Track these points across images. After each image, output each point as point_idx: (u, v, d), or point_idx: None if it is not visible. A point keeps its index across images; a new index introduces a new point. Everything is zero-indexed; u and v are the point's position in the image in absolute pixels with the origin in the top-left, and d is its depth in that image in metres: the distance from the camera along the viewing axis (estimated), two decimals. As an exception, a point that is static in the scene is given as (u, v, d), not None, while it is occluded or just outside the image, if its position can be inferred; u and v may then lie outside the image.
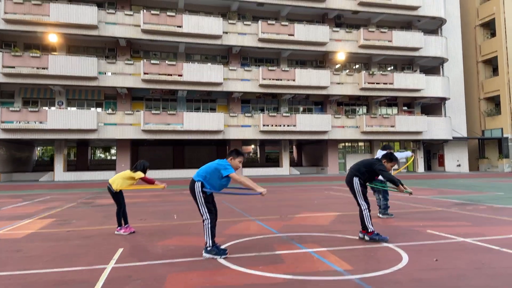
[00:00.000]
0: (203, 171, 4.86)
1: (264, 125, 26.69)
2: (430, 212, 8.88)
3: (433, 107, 33.09)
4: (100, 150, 38.26)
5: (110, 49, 26.82)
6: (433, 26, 32.37)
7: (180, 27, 25.34)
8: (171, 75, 25.16)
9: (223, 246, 5.18)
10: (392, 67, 32.35)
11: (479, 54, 35.57)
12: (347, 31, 29.07)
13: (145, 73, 24.73)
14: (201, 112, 26.86)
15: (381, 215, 8.06)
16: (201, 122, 25.57)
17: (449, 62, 32.57)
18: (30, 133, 23.46)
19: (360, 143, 32.62)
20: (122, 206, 6.54)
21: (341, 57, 29.07)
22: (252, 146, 37.22)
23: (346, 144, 32.47)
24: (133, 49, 27.16)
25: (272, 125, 26.85)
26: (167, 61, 25.30)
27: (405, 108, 32.81)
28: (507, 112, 32.83)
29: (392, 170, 8.12)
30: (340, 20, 30.66)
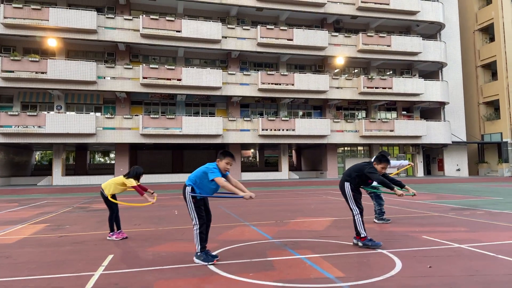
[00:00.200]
0: (194, 176, 4.82)
1: (263, 129, 26.67)
2: (427, 217, 8.82)
3: (432, 111, 33.07)
4: (99, 155, 38.20)
5: (109, 53, 26.84)
6: (432, 31, 32.43)
7: (179, 31, 25.38)
8: (170, 79, 25.17)
9: (215, 252, 5.12)
10: (391, 72, 32.36)
11: (478, 59, 35.60)
12: (346, 36, 29.11)
13: (144, 78, 24.74)
14: (200, 116, 26.85)
15: (377, 220, 8.00)
16: (200, 126, 25.55)
17: (448, 66, 32.58)
18: (28, 137, 23.43)
19: (359, 148, 32.57)
20: (114, 211, 6.49)
21: (340, 61, 29.09)
22: (252, 150, 37.17)
23: (345, 148, 32.43)
24: (132, 54, 27.20)
25: (271, 129, 26.82)
26: (166, 66, 25.32)
27: (404, 112, 32.78)
28: (506, 116, 32.79)
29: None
30: (339, 25, 30.72)
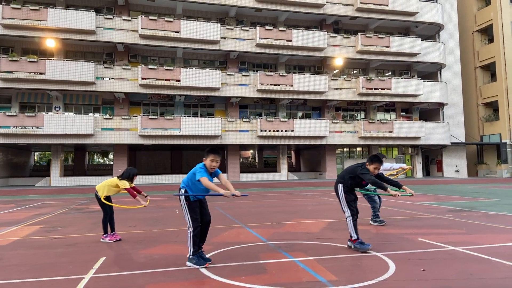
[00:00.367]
0: (187, 177, 4.78)
1: (261, 130, 26.64)
2: (423, 219, 8.78)
3: (431, 112, 33.05)
4: (97, 155, 38.15)
5: (108, 54, 26.82)
6: (430, 32, 32.42)
7: (178, 32, 25.36)
8: (168, 80, 25.15)
9: (208, 255, 5.09)
10: (390, 73, 32.34)
11: (477, 60, 35.59)
12: (344, 37, 29.09)
13: (142, 78, 24.72)
14: (199, 117, 26.82)
15: (372, 222, 7.97)
16: (199, 127, 25.52)
17: (447, 67, 32.57)
18: (26, 138, 23.39)
19: (358, 148, 32.56)
20: (108, 213, 6.45)
21: (338, 62, 29.07)
22: (251, 151, 37.15)
23: (344, 149, 32.40)
24: (131, 54, 27.18)
25: (269, 130, 26.80)
26: (164, 66, 25.30)
27: (403, 113, 32.77)
28: (505, 117, 32.78)
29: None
30: (338, 26, 30.71)
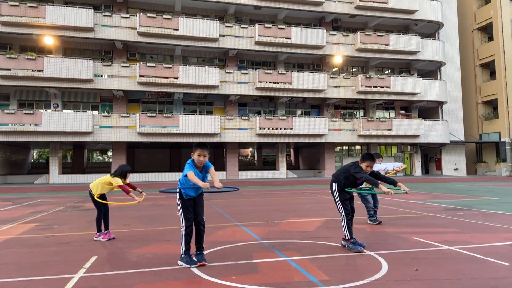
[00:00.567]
0: (182, 175, 4.75)
1: (260, 128, 26.61)
2: (419, 217, 8.76)
3: (430, 110, 33.01)
4: (96, 153, 38.13)
5: (106, 51, 26.76)
6: (430, 30, 32.34)
7: (176, 30, 25.29)
8: (167, 77, 25.10)
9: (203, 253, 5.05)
10: (389, 71, 32.27)
11: (476, 58, 35.51)
12: (344, 35, 29.02)
13: (141, 76, 24.67)
14: (198, 115, 26.77)
15: (369, 221, 7.94)
16: (197, 125, 25.49)
17: (447, 66, 32.51)
18: (25, 136, 23.37)
19: (357, 147, 32.52)
20: (102, 211, 6.43)
21: (338, 60, 29.01)
22: (250, 149, 37.12)
23: (343, 147, 32.37)
24: (130, 52, 27.11)
25: (268, 128, 26.77)
26: (163, 64, 25.25)
27: (402, 111, 32.71)
28: (504, 116, 32.74)
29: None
30: (337, 24, 30.64)
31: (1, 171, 25.83)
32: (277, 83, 26.94)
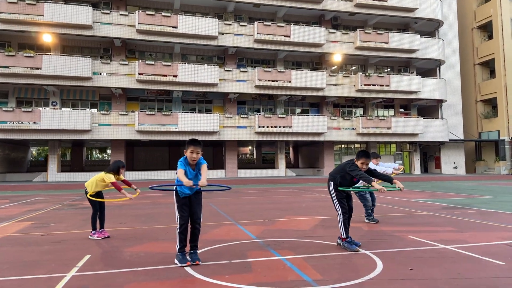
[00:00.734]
0: None
1: (259, 127, 26.57)
2: (416, 216, 8.73)
3: (429, 109, 32.96)
4: (96, 151, 38.06)
5: (105, 49, 26.69)
6: (430, 28, 32.26)
7: (175, 27, 25.22)
8: (166, 75, 25.03)
9: (198, 252, 5.01)
10: (388, 69, 32.21)
11: (476, 56, 35.44)
12: (343, 33, 28.95)
13: (139, 74, 24.61)
14: (197, 113, 26.72)
15: (365, 220, 7.92)
16: (196, 123, 25.44)
17: (446, 64, 32.45)
18: (23, 134, 23.33)
19: (356, 145, 32.48)
20: (97, 209, 6.39)
21: (337, 58, 28.95)
22: (249, 147, 37.07)
23: (343, 145, 32.34)
24: (128, 50, 27.05)
25: (267, 127, 26.73)
26: (162, 62, 25.19)
27: (401, 110, 32.67)
28: (504, 114, 32.69)
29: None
30: (337, 22, 30.55)
31: (-1, 169, 25.81)
32: (276, 81, 26.88)
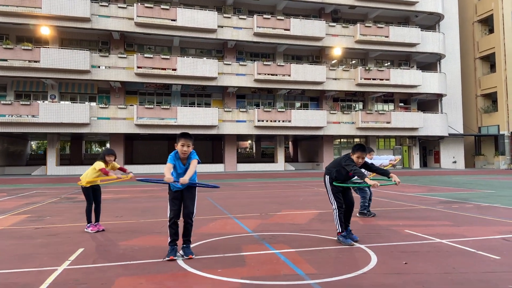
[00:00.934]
0: None
1: (259, 121, 26.50)
2: (413, 210, 8.70)
3: (429, 103, 32.86)
4: (95, 145, 38.03)
5: (103, 42, 26.55)
6: (430, 22, 32.06)
7: (174, 20, 25.06)
8: (165, 69, 24.93)
9: (192, 245, 4.98)
10: (388, 63, 32.07)
11: (476, 51, 35.27)
12: (343, 26, 28.77)
13: (138, 67, 24.50)
14: (195, 107, 26.64)
15: (358, 214, 7.88)
16: (195, 117, 25.37)
17: (447, 58, 32.29)
18: (22, 127, 23.28)
19: (355, 139, 32.43)
20: (91, 202, 6.37)
21: (337, 52, 28.80)
22: (249, 141, 37.04)
23: (342, 140, 32.30)
24: (127, 43, 26.90)
25: (267, 121, 26.67)
26: (161, 55, 25.06)
27: (401, 104, 32.57)
28: (503, 109, 32.60)
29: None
30: (337, 15, 30.36)
31: (-2, 162, 25.79)
32: (276, 75, 26.77)
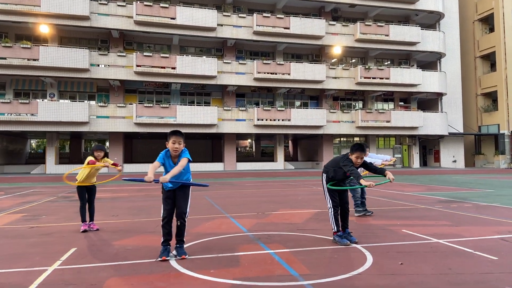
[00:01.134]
0: None
1: (258, 119, 26.43)
2: (411, 209, 8.64)
3: (429, 102, 32.77)
4: (94, 143, 37.99)
5: (102, 40, 26.48)
6: (431, 20, 31.95)
7: (173, 19, 24.99)
8: (164, 67, 24.86)
9: (185, 246, 4.93)
10: (389, 62, 31.98)
11: (477, 49, 35.16)
12: (343, 25, 28.67)
13: (137, 66, 24.43)
14: (195, 105, 26.57)
15: (355, 214, 7.82)
16: (195, 115, 25.31)
17: (447, 57, 32.19)
18: (21, 125, 23.23)
19: (355, 138, 32.36)
20: (84, 202, 6.31)
21: (337, 51, 28.71)
22: (248, 140, 36.98)
23: (342, 139, 32.22)
24: (126, 41, 26.82)
25: (266, 119, 26.60)
26: (160, 54, 24.99)
27: (401, 103, 32.49)
28: (504, 108, 32.50)
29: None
30: (337, 14, 30.26)
31: (-3, 160, 25.75)
32: (276, 73, 26.69)
